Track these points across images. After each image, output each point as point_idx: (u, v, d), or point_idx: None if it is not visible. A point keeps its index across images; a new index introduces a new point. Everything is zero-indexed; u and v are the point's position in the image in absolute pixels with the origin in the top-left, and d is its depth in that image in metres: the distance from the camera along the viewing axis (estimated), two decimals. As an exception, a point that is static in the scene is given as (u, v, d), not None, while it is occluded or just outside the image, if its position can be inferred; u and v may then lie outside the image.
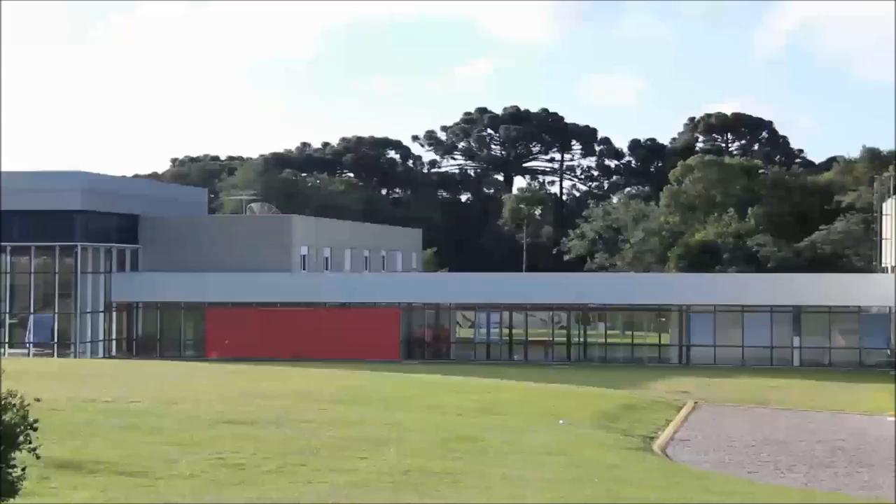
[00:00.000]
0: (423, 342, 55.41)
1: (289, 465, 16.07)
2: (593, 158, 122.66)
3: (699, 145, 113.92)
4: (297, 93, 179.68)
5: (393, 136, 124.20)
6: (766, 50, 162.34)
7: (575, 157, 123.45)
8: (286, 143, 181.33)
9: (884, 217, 59.20)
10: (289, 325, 53.50)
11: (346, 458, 17.24)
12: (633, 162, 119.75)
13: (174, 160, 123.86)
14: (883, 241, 58.99)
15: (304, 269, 60.09)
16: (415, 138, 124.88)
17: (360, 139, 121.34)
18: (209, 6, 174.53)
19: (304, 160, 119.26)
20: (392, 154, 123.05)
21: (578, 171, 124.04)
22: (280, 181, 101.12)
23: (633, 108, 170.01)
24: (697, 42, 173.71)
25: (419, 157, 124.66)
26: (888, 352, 49.87)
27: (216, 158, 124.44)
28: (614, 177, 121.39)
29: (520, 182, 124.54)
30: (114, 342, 56.36)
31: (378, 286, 56.27)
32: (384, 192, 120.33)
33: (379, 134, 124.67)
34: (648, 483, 17.64)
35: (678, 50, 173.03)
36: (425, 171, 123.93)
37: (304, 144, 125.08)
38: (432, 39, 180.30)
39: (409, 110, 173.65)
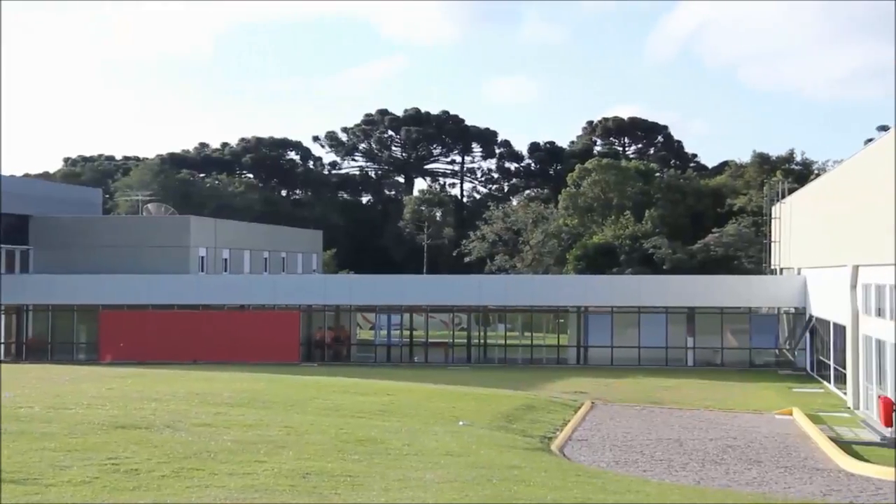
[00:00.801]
0: (323, 344, 55.10)
1: (185, 469, 15.79)
2: (493, 161, 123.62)
3: (597, 148, 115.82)
4: (195, 93, 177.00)
5: (293, 137, 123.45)
6: (660, 55, 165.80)
7: (475, 160, 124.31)
8: (183, 143, 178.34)
9: (773, 220, 61.02)
10: (186, 328, 52.65)
11: (244, 461, 17.03)
12: (533, 164, 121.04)
13: (67, 160, 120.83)
14: (772, 244, 60.80)
15: (201, 270, 59.22)
16: (315, 139, 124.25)
17: (259, 140, 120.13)
18: (106, 5, 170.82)
19: (202, 160, 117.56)
20: (292, 155, 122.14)
21: (479, 174, 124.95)
22: (177, 182, 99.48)
23: (533, 110, 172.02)
24: (594, 46, 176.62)
25: (319, 159, 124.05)
26: (776, 352, 51.38)
27: (111, 158, 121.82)
28: (514, 179, 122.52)
29: (421, 184, 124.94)
30: (2, 346, 54.68)
31: (277, 288, 55.74)
32: (284, 193, 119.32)
33: (279, 135, 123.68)
34: (546, 483, 17.82)
35: (575, 54, 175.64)
36: (326, 172, 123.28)
37: (202, 145, 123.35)
38: (331, 40, 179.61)
39: (309, 111, 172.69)
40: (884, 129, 78.22)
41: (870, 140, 58.75)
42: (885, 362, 31.02)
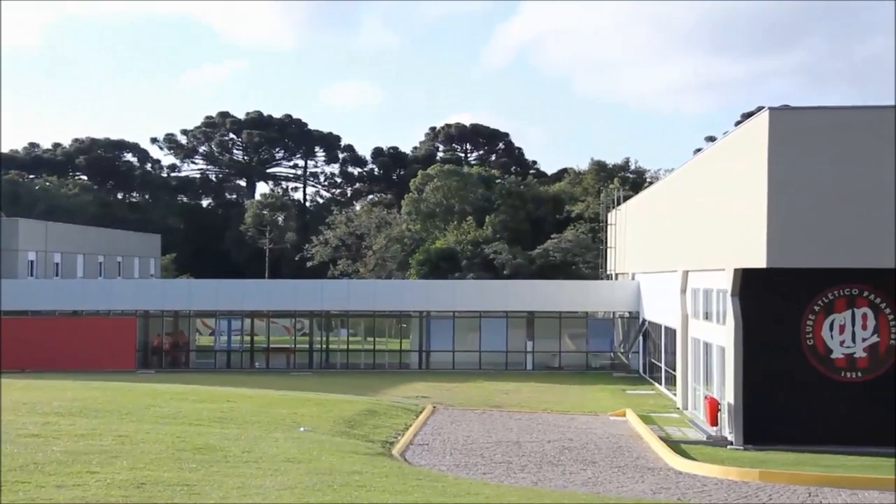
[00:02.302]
0: (161, 351, 53.75)
1: (9, 482, 15.14)
2: (337, 165, 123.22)
3: (440, 154, 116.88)
4: (25, 91, 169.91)
5: (130, 139, 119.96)
6: (497, 63, 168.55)
7: (319, 164, 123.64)
8: (12, 143, 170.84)
9: (608, 227, 62.87)
10: (15, 335, 50.44)
11: (74, 472, 16.45)
12: (376, 169, 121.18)
13: None
14: (608, 250, 62.64)
15: (31, 275, 56.86)
16: (154, 141, 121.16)
17: (94, 141, 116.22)
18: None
19: (32, 161, 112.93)
20: (129, 157, 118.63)
21: (322, 178, 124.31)
22: (5, 183, 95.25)
23: (376, 116, 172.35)
24: (433, 53, 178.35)
25: (158, 161, 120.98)
26: (611, 355, 52.95)
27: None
28: (357, 184, 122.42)
29: (263, 188, 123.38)
30: None
31: (112, 293, 54.05)
32: (121, 196, 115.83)
33: (115, 136, 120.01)
34: (387, 487, 17.87)
35: (415, 60, 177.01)
36: (164, 174, 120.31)
37: (32, 145, 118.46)
38: (168, 41, 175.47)
39: (146, 113, 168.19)
40: (711, 139, 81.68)
41: (698, 150, 61.28)
42: (712, 364, 32.39)
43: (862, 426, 27.93)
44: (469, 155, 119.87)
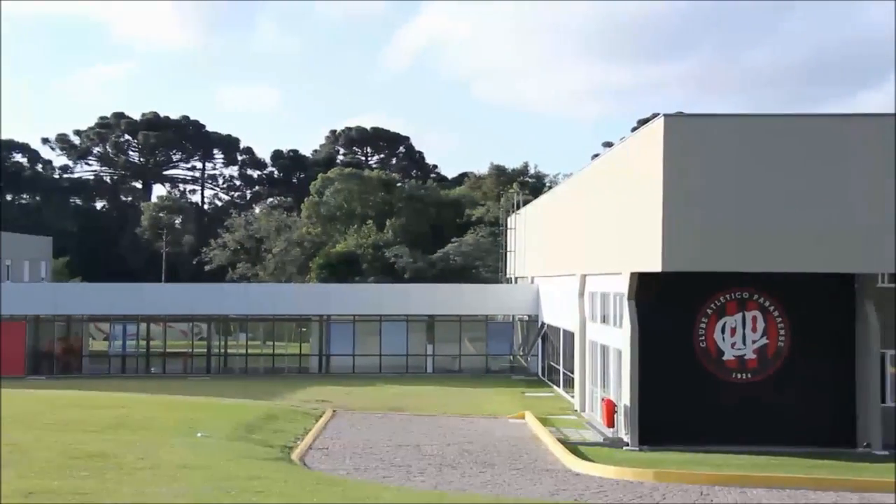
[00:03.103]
0: (52, 356, 52.32)
1: None
2: (235, 168, 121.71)
3: (340, 157, 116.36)
4: None
5: (19, 139, 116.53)
6: (396, 67, 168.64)
7: (217, 166, 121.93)
8: None
9: (508, 231, 63.43)
10: None
11: (-40, 483, 15.90)
12: (276, 172, 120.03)
13: None
14: (507, 254, 63.20)
15: (-86, 279, 54.81)
16: (45, 141, 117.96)
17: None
18: None
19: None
20: (18, 157, 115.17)
21: (220, 181, 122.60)
22: None
23: (275, 118, 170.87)
24: (331, 56, 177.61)
25: (49, 162, 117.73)
26: (510, 358, 53.38)
27: None
28: (257, 187, 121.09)
29: (160, 190, 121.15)
30: None
31: (0, 297, 52.33)
32: (10, 197, 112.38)
33: (3, 136, 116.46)
34: (285, 492, 17.73)
35: (313, 63, 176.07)
36: (56, 176, 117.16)
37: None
38: (59, 40, 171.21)
39: (37, 113, 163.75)
40: (608, 145, 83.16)
41: (596, 155, 62.23)
42: (609, 366, 32.92)
43: (752, 426, 28.71)
44: (370, 158, 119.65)
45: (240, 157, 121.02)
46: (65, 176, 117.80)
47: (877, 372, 28.29)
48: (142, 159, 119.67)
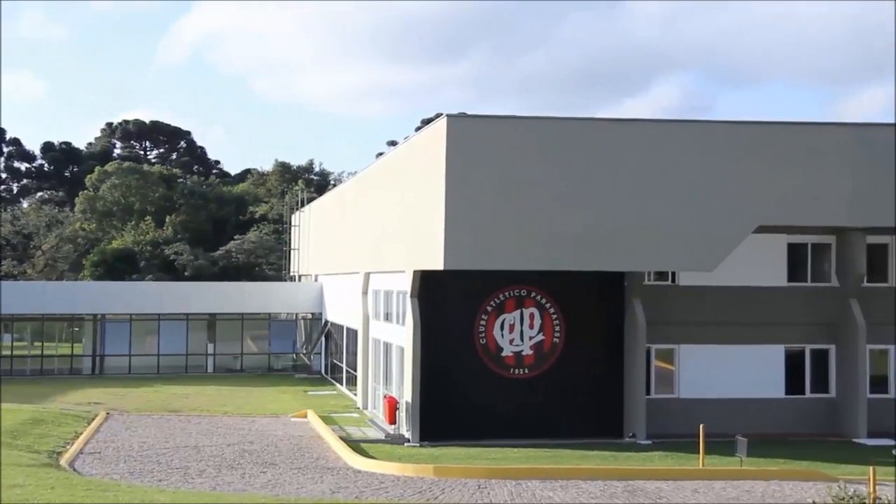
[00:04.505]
0: None
1: None
2: (1, 160, 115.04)
3: (117, 151, 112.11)
4: None
5: None
6: (173, 60, 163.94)
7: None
8: None
9: (293, 228, 62.91)
10: None
11: None
12: (46, 165, 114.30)
13: None
14: (291, 251, 62.67)
15: None
16: None
17: None
18: None
19: None
20: None
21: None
22: None
23: (44, 109, 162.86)
24: (103, 48, 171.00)
25: None
26: (294, 356, 52.97)
27: None
28: (25, 180, 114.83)
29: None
30: None
31: None
32: None
33: None
34: (53, 499, 16.90)
35: (83, 54, 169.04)
36: None
37: None
38: None
39: None
40: (393, 143, 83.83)
41: (381, 154, 62.55)
42: (392, 364, 33.17)
43: (529, 420, 29.61)
44: (149, 153, 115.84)
45: (6, 149, 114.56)
46: None
47: (643, 366, 29.76)
48: None
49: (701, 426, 25.35)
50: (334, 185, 75.75)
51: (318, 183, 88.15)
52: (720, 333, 30.81)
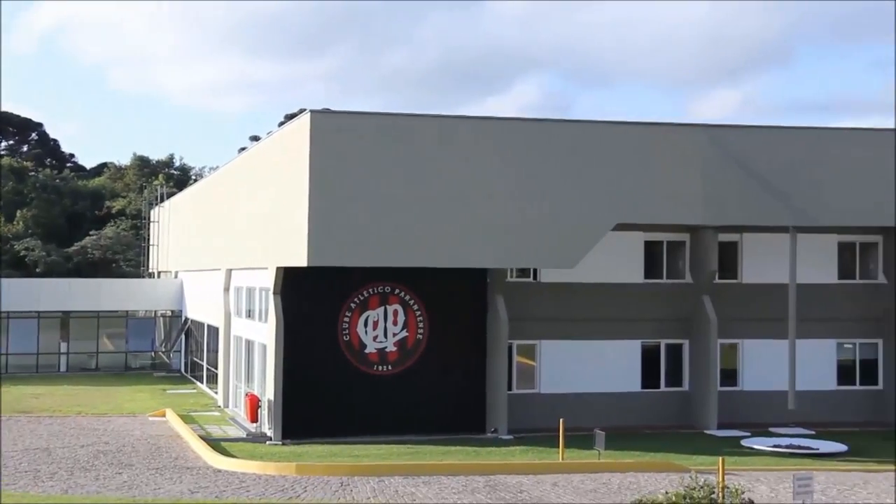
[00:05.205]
0: None
1: None
2: None
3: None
4: None
5: None
6: (22, 50, 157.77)
7: None
8: None
9: (152, 224, 61.43)
10: None
11: None
12: None
13: None
14: (151, 248, 61.18)
15: None
16: None
17: None
18: None
19: None
20: None
21: None
22: None
23: None
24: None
25: None
26: (152, 354, 51.74)
27: None
28: None
29: None
30: None
31: None
32: None
33: None
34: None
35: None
36: None
37: None
38: None
39: None
40: (255, 139, 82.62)
41: (243, 149, 61.56)
42: (254, 361, 32.72)
43: (392, 417, 29.61)
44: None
45: None
46: None
47: (505, 361, 30.13)
48: None
49: (561, 420, 25.82)
50: (195, 181, 74.25)
51: (178, 178, 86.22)
52: (580, 329, 31.44)
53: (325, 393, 29.39)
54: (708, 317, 31.41)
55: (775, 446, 27.58)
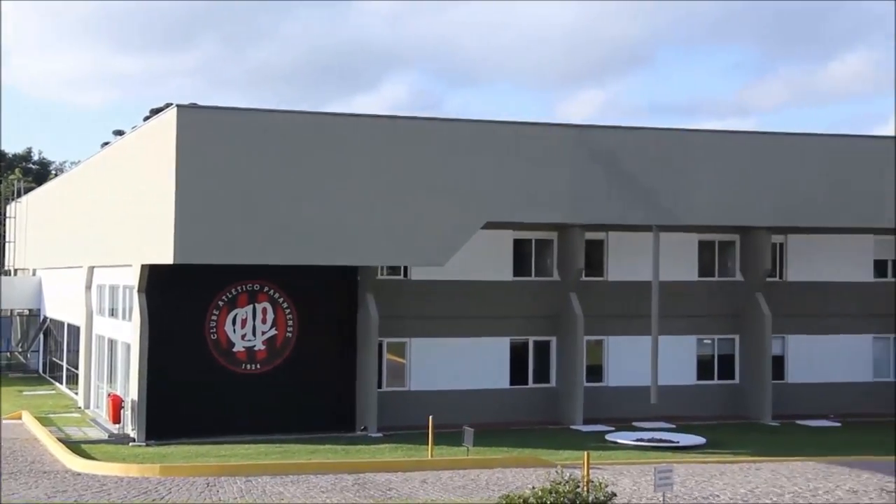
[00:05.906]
0: None
1: None
2: None
3: None
4: None
5: None
6: None
7: None
8: None
9: (8, 219, 59.22)
10: None
11: None
12: None
13: None
14: (7, 244, 58.96)
15: None
16: None
17: None
18: None
19: None
20: None
21: None
22: None
23: None
24: None
25: None
26: (8, 354, 49.96)
27: None
28: None
29: None
30: None
31: None
32: None
33: None
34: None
35: None
36: None
37: None
38: None
39: None
40: (119, 133, 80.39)
41: (107, 143, 59.87)
42: (117, 361, 31.86)
43: (261, 416, 29.24)
44: None
45: None
46: None
47: (375, 359, 30.08)
48: None
49: (430, 418, 25.93)
50: (56, 175, 71.88)
51: (37, 172, 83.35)
52: (450, 327, 31.64)
53: (191, 393, 28.81)
54: (575, 314, 31.99)
55: (638, 440, 28.31)
